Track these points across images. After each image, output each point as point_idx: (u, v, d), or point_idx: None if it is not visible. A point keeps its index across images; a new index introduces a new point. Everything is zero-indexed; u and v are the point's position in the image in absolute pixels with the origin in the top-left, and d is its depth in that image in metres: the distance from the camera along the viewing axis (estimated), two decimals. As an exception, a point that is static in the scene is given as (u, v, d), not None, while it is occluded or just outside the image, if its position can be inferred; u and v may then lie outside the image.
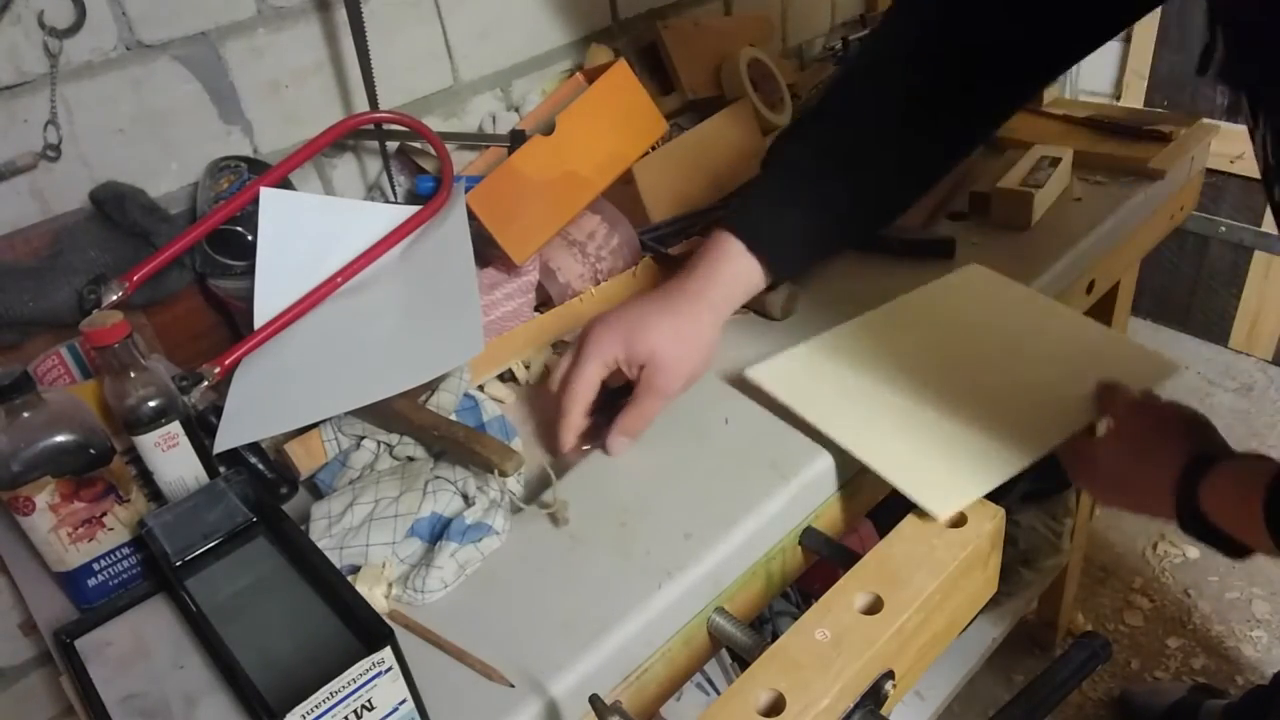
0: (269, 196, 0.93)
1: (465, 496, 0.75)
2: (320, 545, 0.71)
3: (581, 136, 1.00)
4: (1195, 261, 2.16)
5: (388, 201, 1.12)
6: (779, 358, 0.85)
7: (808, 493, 0.76)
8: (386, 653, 0.56)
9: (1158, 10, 2.03)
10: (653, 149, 1.09)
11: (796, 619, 0.64)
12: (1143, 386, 0.78)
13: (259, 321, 0.90)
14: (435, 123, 1.16)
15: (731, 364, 0.90)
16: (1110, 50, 2.16)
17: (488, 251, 0.96)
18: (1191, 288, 2.19)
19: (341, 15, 1.02)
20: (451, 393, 0.82)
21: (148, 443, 0.72)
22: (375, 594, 0.69)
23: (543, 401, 0.88)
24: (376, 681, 0.56)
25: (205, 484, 0.75)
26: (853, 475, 0.80)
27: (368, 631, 0.58)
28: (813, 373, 0.84)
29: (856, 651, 0.60)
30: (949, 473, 0.73)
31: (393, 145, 1.11)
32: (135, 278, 0.86)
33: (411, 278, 0.93)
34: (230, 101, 1.00)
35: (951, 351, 0.86)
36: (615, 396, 0.87)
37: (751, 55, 1.27)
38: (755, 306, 0.97)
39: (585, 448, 0.82)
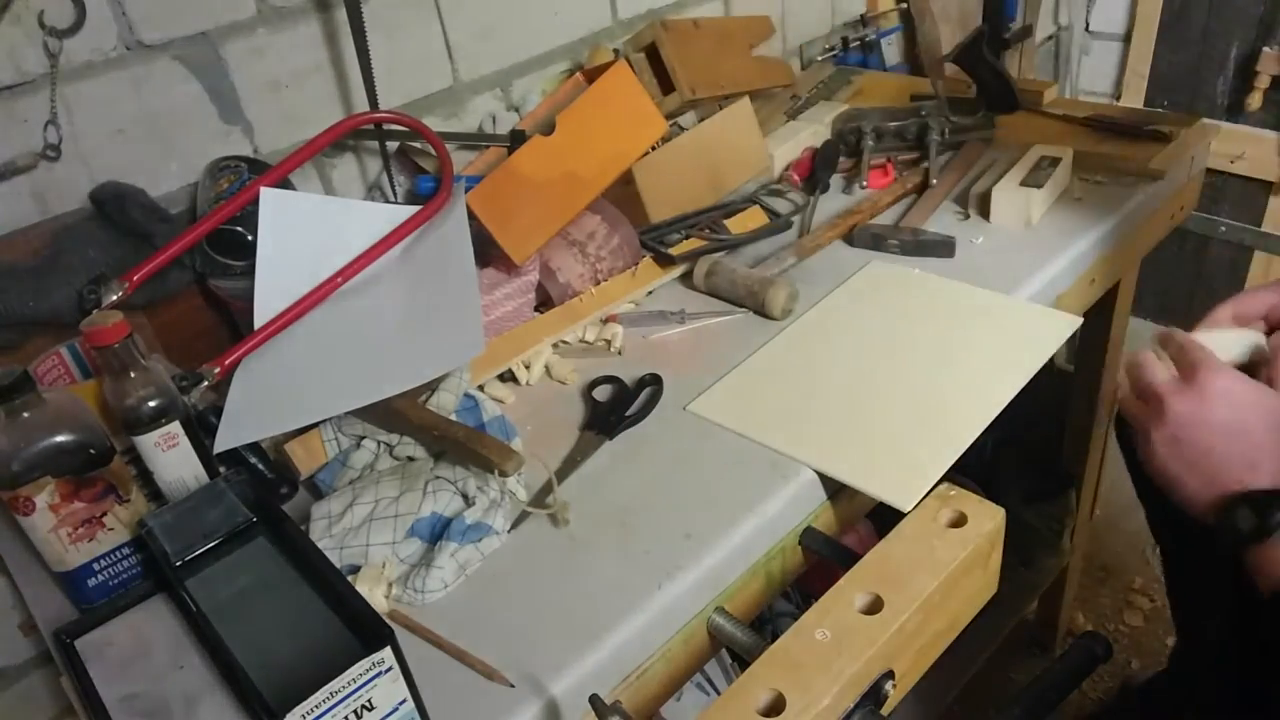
0: (269, 196, 0.93)
1: (465, 496, 0.75)
2: (320, 545, 0.71)
3: (581, 136, 1.00)
4: (1195, 261, 2.16)
5: (388, 201, 1.12)
6: (716, 388, 0.87)
7: (808, 493, 0.76)
8: (386, 653, 0.56)
9: (1158, 10, 2.04)
10: (653, 149, 1.09)
11: (796, 619, 0.64)
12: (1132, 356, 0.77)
13: (259, 321, 0.90)
14: (435, 123, 1.16)
15: (732, 363, 0.90)
16: (1110, 50, 2.16)
17: (488, 251, 0.96)
18: (1191, 288, 2.19)
19: (341, 15, 1.02)
20: (451, 393, 0.82)
21: (148, 443, 0.72)
22: (375, 594, 0.69)
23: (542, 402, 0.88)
24: (376, 681, 0.56)
25: (205, 484, 0.75)
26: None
27: (368, 631, 0.58)
28: (753, 395, 0.86)
29: (856, 651, 0.60)
30: (904, 464, 0.75)
31: (393, 145, 1.11)
32: (135, 278, 0.86)
33: (411, 278, 0.93)
34: (230, 101, 1.00)
35: (876, 347, 0.89)
36: (617, 405, 0.87)
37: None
38: (755, 306, 0.97)
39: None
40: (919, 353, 0.87)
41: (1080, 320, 0.89)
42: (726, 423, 0.82)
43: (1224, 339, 0.77)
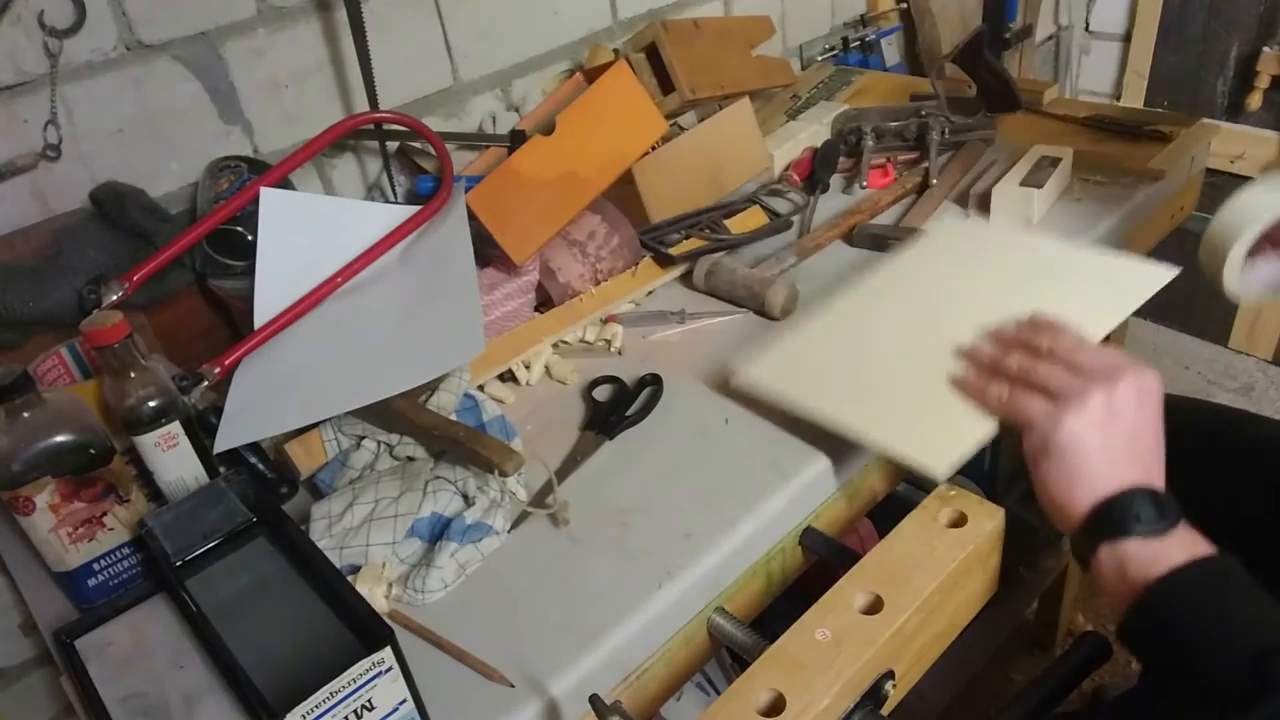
0: (269, 196, 0.93)
1: (465, 496, 0.75)
2: (320, 545, 0.71)
3: (581, 136, 1.00)
4: (1195, 262, 2.16)
5: (388, 201, 1.12)
6: (764, 358, 0.84)
7: (808, 493, 0.76)
8: (386, 653, 0.56)
9: (1158, 10, 2.04)
10: (653, 149, 1.09)
11: (796, 619, 0.64)
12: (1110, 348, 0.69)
13: (259, 321, 0.90)
14: (435, 123, 1.16)
15: (731, 364, 0.90)
16: (1110, 50, 2.16)
17: (488, 251, 0.96)
18: (1191, 288, 2.19)
19: (341, 15, 1.02)
20: (451, 393, 0.82)
21: (148, 443, 0.72)
22: (375, 594, 0.69)
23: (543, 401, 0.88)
24: (376, 681, 0.56)
25: (205, 484, 0.75)
26: (852, 475, 0.80)
27: (368, 631, 0.58)
28: (800, 363, 0.83)
29: (856, 651, 0.60)
30: (942, 431, 0.71)
31: (393, 145, 1.11)
32: (135, 278, 0.86)
33: (412, 278, 0.93)
34: (230, 101, 1.00)
35: (937, 311, 0.84)
36: (617, 405, 0.87)
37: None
38: (755, 306, 0.97)
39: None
40: (982, 314, 0.79)
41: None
42: (767, 389, 0.79)
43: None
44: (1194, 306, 2.21)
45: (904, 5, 1.72)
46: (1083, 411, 0.64)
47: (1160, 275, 0.81)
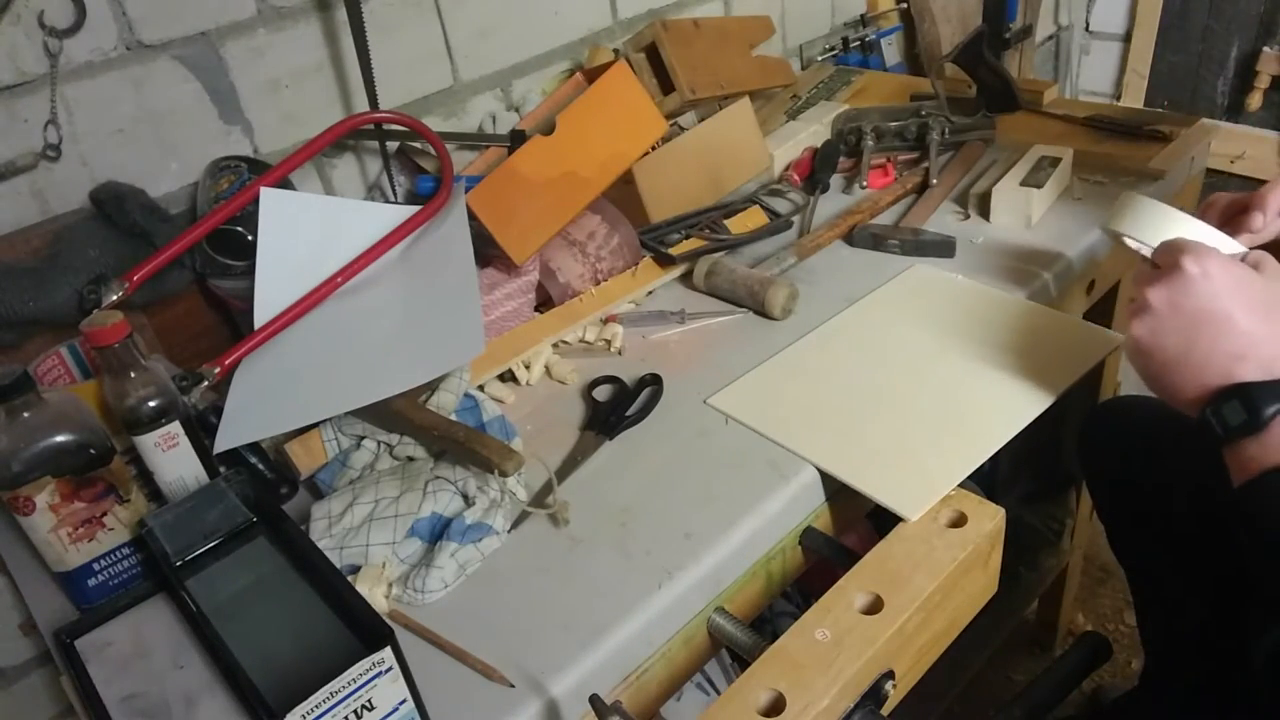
0: (269, 196, 0.93)
1: (465, 496, 0.75)
2: (320, 545, 0.71)
3: (581, 136, 1.00)
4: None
5: (388, 201, 1.12)
6: (738, 383, 0.87)
7: (808, 492, 0.76)
8: (386, 653, 0.56)
9: (1158, 10, 2.04)
10: (653, 149, 1.09)
11: (796, 619, 0.64)
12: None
13: (259, 321, 0.90)
14: (435, 123, 1.16)
15: (731, 364, 0.90)
16: (1110, 50, 2.17)
17: (488, 251, 0.96)
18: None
19: (341, 15, 1.02)
20: (451, 393, 0.82)
21: (148, 443, 0.72)
22: (375, 594, 0.69)
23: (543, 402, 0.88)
24: (376, 681, 0.56)
25: (205, 484, 0.75)
26: (853, 475, 0.80)
27: (368, 631, 0.58)
28: (772, 393, 0.86)
29: (856, 651, 0.60)
30: (915, 473, 0.74)
31: (393, 145, 1.11)
32: (135, 278, 0.86)
33: (411, 278, 0.93)
34: (230, 101, 1.00)
35: (906, 353, 0.88)
36: (617, 405, 0.87)
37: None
38: (755, 306, 0.97)
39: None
40: (949, 361, 0.86)
41: (1122, 338, 0.87)
42: (743, 418, 0.82)
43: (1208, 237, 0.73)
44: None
45: (904, 5, 1.72)
46: (1137, 319, 0.66)
47: (1105, 344, 0.86)
